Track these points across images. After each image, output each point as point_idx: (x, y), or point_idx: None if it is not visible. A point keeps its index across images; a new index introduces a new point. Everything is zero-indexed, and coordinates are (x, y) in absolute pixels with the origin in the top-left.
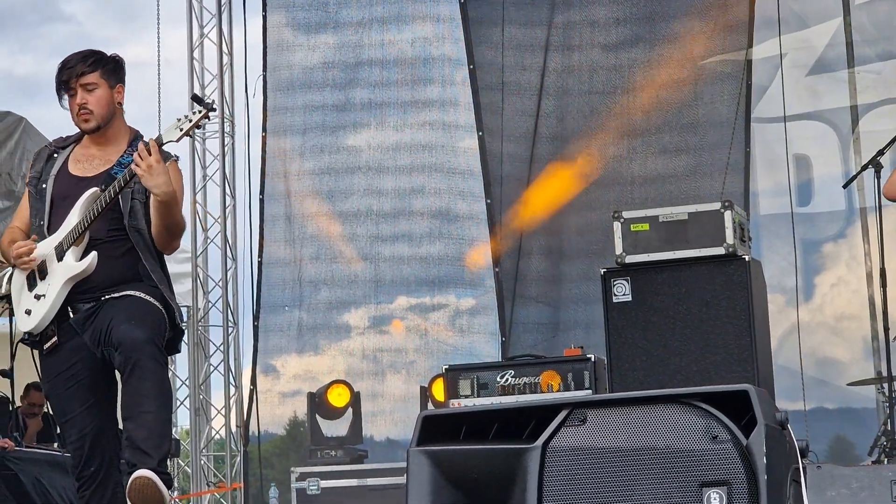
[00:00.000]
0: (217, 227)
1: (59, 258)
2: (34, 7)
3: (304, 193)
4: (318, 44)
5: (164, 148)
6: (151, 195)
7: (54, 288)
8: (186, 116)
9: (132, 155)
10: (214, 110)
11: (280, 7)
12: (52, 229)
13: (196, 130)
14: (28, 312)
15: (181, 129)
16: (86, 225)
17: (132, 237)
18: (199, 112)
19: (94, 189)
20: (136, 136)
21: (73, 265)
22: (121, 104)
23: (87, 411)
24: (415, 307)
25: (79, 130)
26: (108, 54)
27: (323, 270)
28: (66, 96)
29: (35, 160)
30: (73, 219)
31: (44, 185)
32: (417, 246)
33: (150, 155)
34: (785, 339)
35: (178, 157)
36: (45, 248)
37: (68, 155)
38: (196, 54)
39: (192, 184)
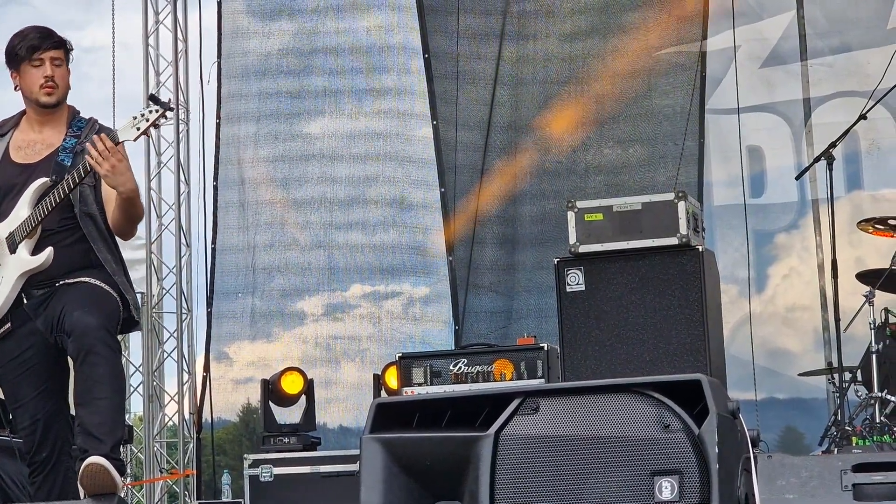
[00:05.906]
0: (171, 213)
1: (12, 250)
2: None
3: (259, 181)
4: (273, 31)
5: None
6: (103, 182)
7: (8, 281)
8: (143, 115)
9: (75, 138)
10: (172, 109)
11: None
12: None
13: (153, 129)
14: None
15: (138, 129)
16: (38, 219)
17: (83, 224)
18: (157, 111)
19: (44, 179)
20: (74, 115)
21: (29, 259)
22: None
23: (39, 397)
24: (369, 295)
25: (17, 113)
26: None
27: (277, 258)
28: (27, 66)
29: None
30: (23, 210)
31: None
32: (372, 234)
33: (109, 153)
34: (737, 329)
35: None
36: None
37: (8, 141)
38: (151, 41)
39: (146, 170)
